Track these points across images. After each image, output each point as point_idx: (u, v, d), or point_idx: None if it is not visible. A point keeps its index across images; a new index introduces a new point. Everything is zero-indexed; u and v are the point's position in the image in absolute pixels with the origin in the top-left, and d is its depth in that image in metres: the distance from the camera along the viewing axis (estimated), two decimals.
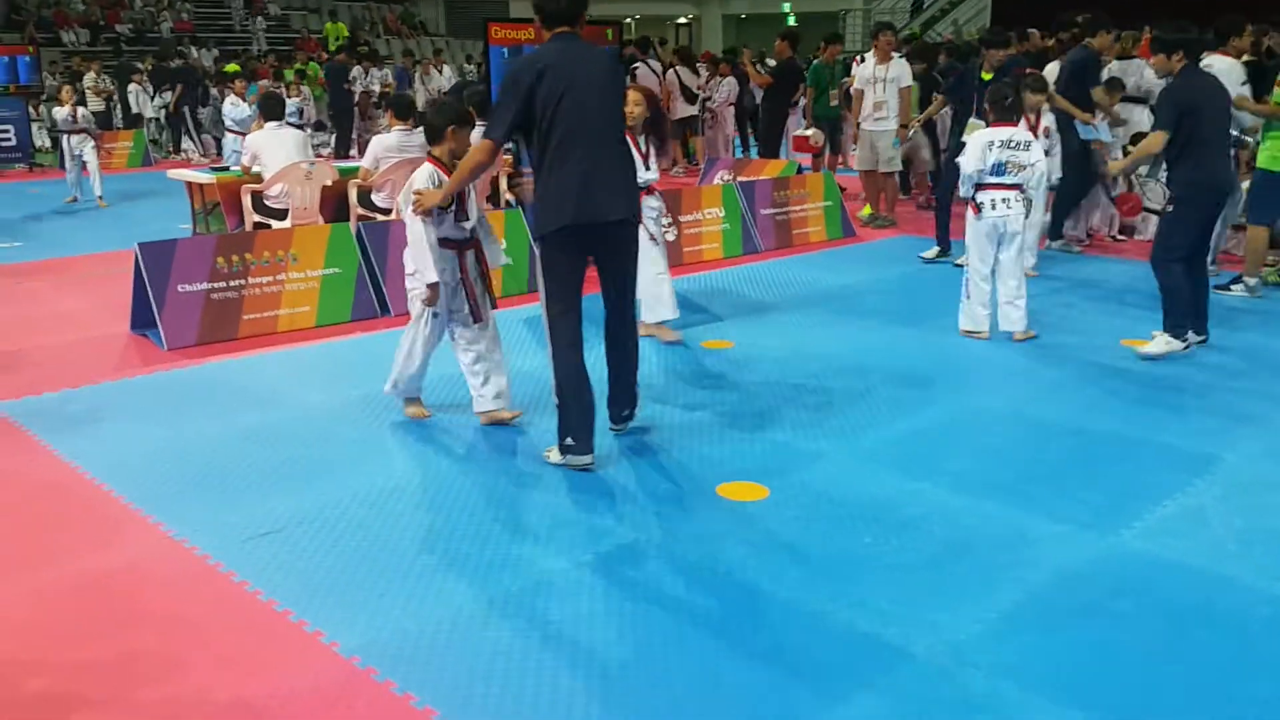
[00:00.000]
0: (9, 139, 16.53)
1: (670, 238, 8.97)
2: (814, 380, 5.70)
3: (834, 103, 12.02)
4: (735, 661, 3.13)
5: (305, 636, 3.31)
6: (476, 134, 8.33)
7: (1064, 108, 8.40)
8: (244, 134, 11.25)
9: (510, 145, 8.59)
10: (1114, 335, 6.42)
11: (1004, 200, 6.38)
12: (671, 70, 15.37)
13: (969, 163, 6.42)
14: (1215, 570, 3.65)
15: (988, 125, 6.60)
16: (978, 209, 6.42)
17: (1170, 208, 6.02)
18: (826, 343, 6.46)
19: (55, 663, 3.20)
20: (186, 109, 18.79)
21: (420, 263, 4.82)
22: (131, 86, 19.55)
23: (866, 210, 10.86)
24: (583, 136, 4.35)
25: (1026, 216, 6.59)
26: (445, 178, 4.83)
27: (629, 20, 31.94)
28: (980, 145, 6.39)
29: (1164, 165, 7.04)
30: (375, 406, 5.34)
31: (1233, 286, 7.50)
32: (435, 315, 4.97)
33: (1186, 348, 5.97)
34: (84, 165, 12.89)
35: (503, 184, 9.75)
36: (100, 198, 12.76)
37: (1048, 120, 8.24)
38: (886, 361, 6.02)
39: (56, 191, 14.24)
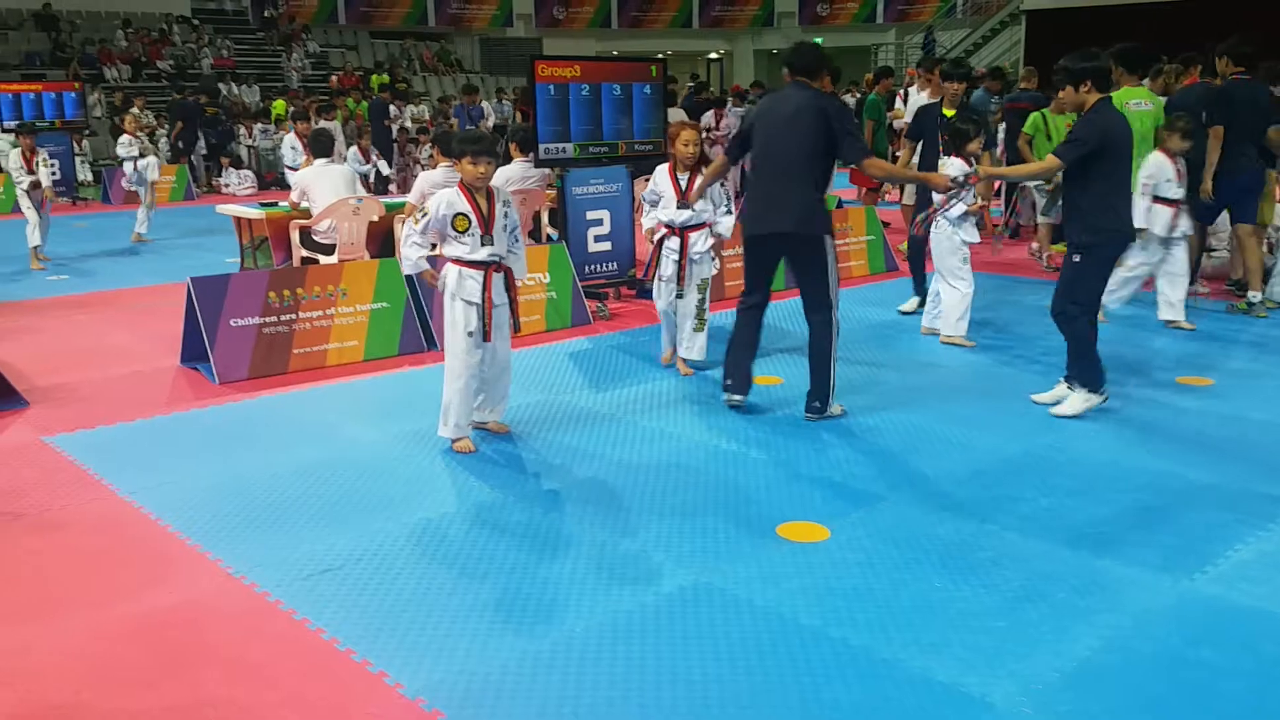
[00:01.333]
0: (54, 173, 16.77)
1: (714, 270, 8.97)
2: (867, 418, 5.63)
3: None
4: (809, 713, 3.06)
5: (370, 677, 3.27)
6: (514, 169, 8.47)
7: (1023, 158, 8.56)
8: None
9: (556, 181, 8.67)
10: (1171, 373, 6.32)
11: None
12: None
13: None
14: None
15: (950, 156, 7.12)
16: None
17: (1077, 258, 5.45)
18: (876, 379, 6.40)
19: (124, 708, 3.16)
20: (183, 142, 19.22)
21: (403, 255, 5.23)
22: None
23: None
24: (768, 163, 5.45)
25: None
26: (467, 206, 5.10)
27: (660, 56, 32.23)
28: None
29: (1058, 203, 6.50)
30: (427, 441, 5.32)
31: None
32: (469, 335, 5.11)
33: (1105, 399, 5.63)
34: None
35: (544, 218, 9.78)
36: (141, 233, 12.79)
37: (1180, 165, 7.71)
38: (939, 397, 5.95)
39: (101, 225, 14.45)
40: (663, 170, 6.47)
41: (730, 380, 5.74)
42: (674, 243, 6.38)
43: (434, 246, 5.27)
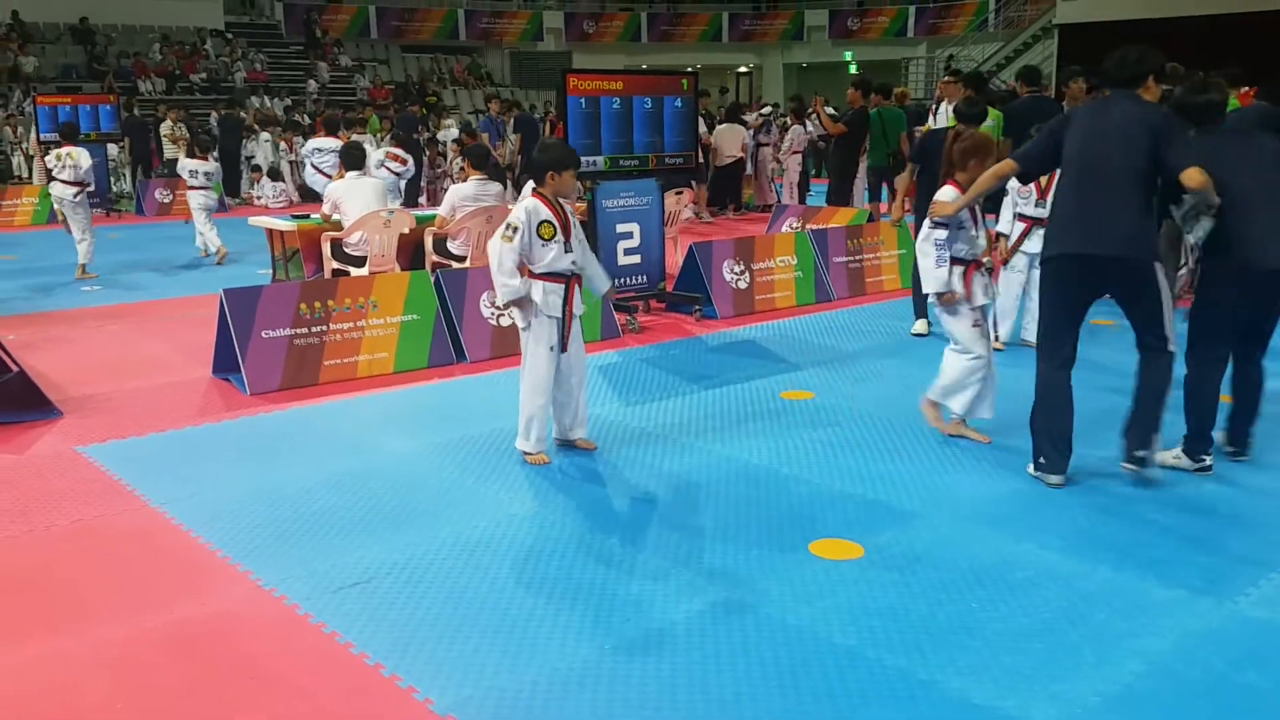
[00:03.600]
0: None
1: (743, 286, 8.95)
2: (900, 434, 5.58)
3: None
4: None
5: (398, 693, 3.24)
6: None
7: None
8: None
9: (586, 194, 8.66)
10: None
11: None
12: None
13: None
14: None
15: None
16: None
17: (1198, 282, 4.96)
18: (908, 394, 6.30)
19: (154, 718, 3.16)
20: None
21: (497, 284, 5.07)
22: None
23: None
24: (1088, 177, 4.71)
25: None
26: (550, 214, 5.07)
27: (689, 70, 32.29)
28: None
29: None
30: (458, 454, 5.31)
31: None
32: (551, 350, 5.10)
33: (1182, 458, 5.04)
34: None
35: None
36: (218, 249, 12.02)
37: None
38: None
39: (134, 235, 14.59)
40: (953, 192, 5.36)
41: (1045, 459, 4.89)
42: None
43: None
